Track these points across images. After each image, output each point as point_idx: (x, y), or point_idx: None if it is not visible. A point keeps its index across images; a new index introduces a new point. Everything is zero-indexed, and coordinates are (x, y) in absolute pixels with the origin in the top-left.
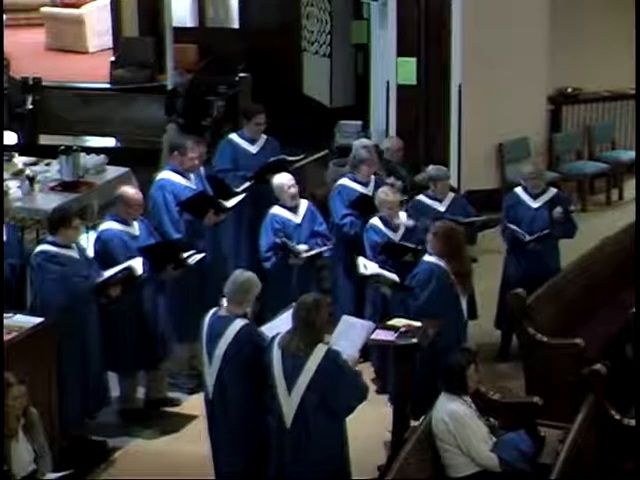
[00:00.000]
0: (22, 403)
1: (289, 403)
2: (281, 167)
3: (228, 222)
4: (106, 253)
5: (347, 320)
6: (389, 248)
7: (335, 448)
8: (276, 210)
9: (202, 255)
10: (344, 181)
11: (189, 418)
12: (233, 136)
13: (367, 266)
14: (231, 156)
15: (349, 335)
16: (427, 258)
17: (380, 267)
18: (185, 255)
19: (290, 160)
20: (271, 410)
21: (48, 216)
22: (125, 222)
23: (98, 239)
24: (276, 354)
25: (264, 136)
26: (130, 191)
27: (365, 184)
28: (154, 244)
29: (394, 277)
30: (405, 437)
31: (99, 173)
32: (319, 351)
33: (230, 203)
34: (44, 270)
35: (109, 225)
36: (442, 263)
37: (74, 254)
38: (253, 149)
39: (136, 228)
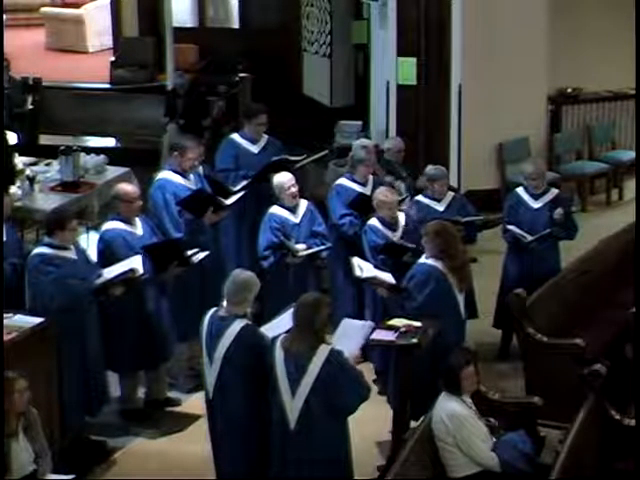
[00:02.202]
0: (24, 398)
1: (293, 405)
2: (283, 167)
3: (230, 222)
4: (109, 253)
5: (347, 322)
6: (389, 249)
7: (337, 448)
8: (275, 209)
9: (206, 253)
10: (342, 181)
11: (189, 418)
12: (234, 136)
13: (362, 268)
14: (232, 156)
15: (349, 334)
16: (424, 260)
17: (376, 267)
18: (189, 253)
19: (293, 160)
20: (274, 411)
21: (45, 218)
22: (128, 221)
23: (101, 239)
24: (279, 355)
25: (265, 136)
26: (126, 187)
27: (363, 184)
28: (157, 243)
29: (390, 279)
30: (405, 437)
31: (99, 173)
32: (322, 352)
33: (229, 201)
34: (40, 273)
35: (112, 225)
36: (439, 264)
37: (71, 255)
38: (255, 149)
39: (139, 227)
